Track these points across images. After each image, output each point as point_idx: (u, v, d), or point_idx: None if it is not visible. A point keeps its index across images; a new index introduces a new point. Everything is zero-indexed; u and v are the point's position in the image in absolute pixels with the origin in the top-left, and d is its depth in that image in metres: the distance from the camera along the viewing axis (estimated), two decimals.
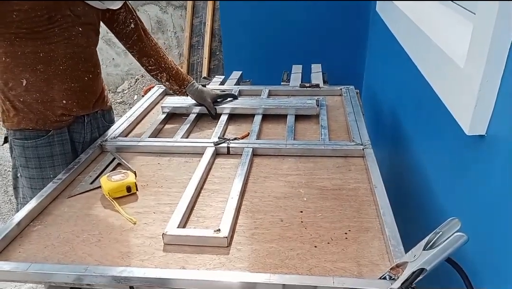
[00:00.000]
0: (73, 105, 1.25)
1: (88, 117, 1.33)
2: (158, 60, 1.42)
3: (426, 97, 1.15)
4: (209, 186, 1.09)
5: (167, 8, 3.97)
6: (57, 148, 1.26)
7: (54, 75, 1.18)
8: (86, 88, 1.27)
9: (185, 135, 1.37)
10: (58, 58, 1.17)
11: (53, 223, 0.96)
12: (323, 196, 1.02)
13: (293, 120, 1.43)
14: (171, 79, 1.45)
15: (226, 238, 0.86)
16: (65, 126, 1.27)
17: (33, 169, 1.24)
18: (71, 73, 1.21)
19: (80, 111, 1.28)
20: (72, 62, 1.21)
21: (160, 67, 1.43)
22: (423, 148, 1.27)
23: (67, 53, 1.19)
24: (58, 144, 1.26)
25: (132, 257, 0.85)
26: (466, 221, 0.65)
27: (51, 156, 1.25)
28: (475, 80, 0.77)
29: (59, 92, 1.21)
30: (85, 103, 1.29)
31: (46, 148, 1.24)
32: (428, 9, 1.41)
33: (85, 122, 1.32)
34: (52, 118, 1.23)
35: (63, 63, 1.19)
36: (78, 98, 1.26)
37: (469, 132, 0.80)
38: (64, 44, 1.17)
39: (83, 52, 1.23)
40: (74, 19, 1.18)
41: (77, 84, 1.24)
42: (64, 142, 1.27)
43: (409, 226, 1.22)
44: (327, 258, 0.82)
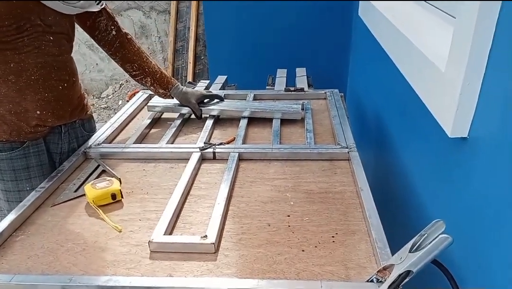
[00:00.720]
0: (47, 115, 1.22)
1: (66, 127, 1.30)
2: (142, 65, 1.40)
3: (409, 100, 1.17)
4: (196, 192, 1.09)
5: (150, 13, 3.95)
6: (33, 159, 1.23)
7: (26, 86, 1.15)
8: (61, 97, 1.24)
9: (170, 141, 1.36)
10: (29, 68, 1.14)
11: (37, 233, 0.95)
12: (309, 200, 1.02)
13: (279, 124, 1.43)
14: (156, 83, 1.44)
15: (213, 244, 0.86)
16: (40, 137, 1.24)
17: (8, 181, 1.22)
18: (43, 83, 1.18)
19: (56, 121, 1.25)
20: (44, 72, 1.17)
21: (144, 72, 1.41)
22: (407, 151, 1.28)
23: (38, 63, 1.15)
24: (34, 155, 1.23)
25: (118, 266, 0.83)
26: (450, 223, 0.66)
27: (27, 168, 1.22)
28: (456, 83, 0.78)
29: (32, 102, 1.18)
30: (61, 113, 1.25)
31: (21, 160, 1.21)
32: (409, 12, 1.43)
33: (62, 132, 1.29)
34: (27, 129, 1.19)
35: (35, 73, 1.15)
36: (53, 108, 1.22)
37: (451, 134, 0.81)
38: (34, 54, 1.14)
39: (56, 60, 1.20)
40: (45, 28, 1.14)
41: (51, 94, 1.21)
42: (40, 154, 1.25)
43: (396, 228, 1.23)
44: (314, 262, 0.82)
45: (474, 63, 0.75)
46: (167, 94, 1.48)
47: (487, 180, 0.74)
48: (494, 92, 0.72)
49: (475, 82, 0.76)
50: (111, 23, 1.34)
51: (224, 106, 1.54)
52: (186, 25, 3.81)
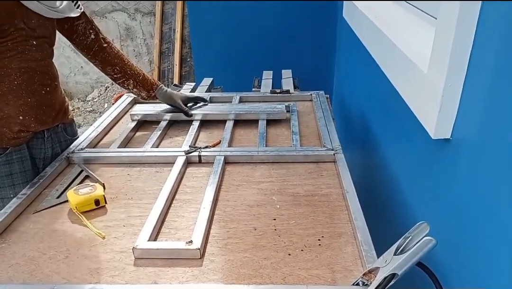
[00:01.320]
0: (30, 120, 1.20)
1: (48, 132, 1.28)
2: (123, 68, 1.39)
3: (393, 101, 1.17)
4: (181, 196, 1.08)
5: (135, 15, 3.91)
6: (16, 166, 1.21)
7: (8, 91, 1.13)
8: (43, 102, 1.22)
9: (155, 144, 1.34)
10: (12, 73, 1.12)
11: (18, 241, 0.93)
12: (296, 203, 1.02)
13: (265, 126, 1.43)
14: (139, 85, 1.43)
15: (198, 250, 0.85)
16: (23, 143, 1.22)
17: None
18: (26, 88, 1.16)
19: (39, 126, 1.23)
20: (27, 76, 1.15)
21: (126, 74, 1.40)
22: (392, 152, 1.29)
23: (22, 68, 1.13)
24: (17, 162, 1.21)
25: (101, 273, 0.82)
26: (435, 224, 0.66)
27: (10, 175, 1.20)
28: (438, 84, 0.79)
29: (15, 108, 1.16)
30: (44, 118, 1.24)
31: (4, 167, 1.19)
32: (391, 14, 1.44)
33: (45, 137, 1.27)
34: (9, 135, 1.17)
35: (18, 78, 1.13)
36: (36, 113, 1.21)
37: (434, 135, 0.82)
38: (18, 59, 1.12)
39: (38, 65, 1.18)
40: (28, 32, 1.13)
41: (34, 99, 1.19)
42: (24, 160, 1.22)
43: (382, 229, 1.23)
44: (301, 265, 0.82)
45: (456, 64, 0.75)
46: (151, 96, 1.47)
47: (470, 180, 0.75)
48: (475, 93, 0.72)
49: (456, 83, 0.77)
50: (89, 26, 1.33)
51: (209, 110, 1.53)
52: (172, 27, 3.79)
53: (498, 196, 0.64)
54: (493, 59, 0.66)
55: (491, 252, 0.67)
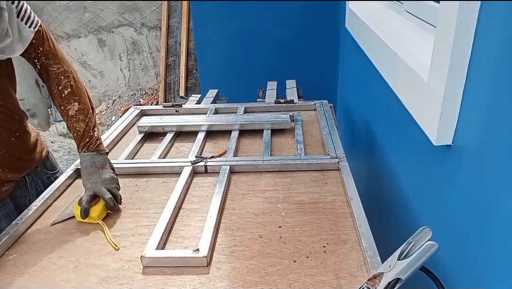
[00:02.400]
0: (6, 172, 1.09)
1: (29, 177, 1.20)
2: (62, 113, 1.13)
3: (395, 109, 1.19)
4: (188, 206, 1.09)
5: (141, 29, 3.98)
6: (3, 222, 1.11)
7: None
8: (16, 150, 1.11)
9: (162, 155, 1.37)
10: None
11: (29, 251, 0.95)
12: (301, 211, 1.03)
13: (269, 136, 1.45)
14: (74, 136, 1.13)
15: (205, 258, 0.86)
16: (7, 197, 1.13)
17: None
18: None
19: (17, 175, 1.14)
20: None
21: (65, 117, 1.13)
22: (395, 159, 1.30)
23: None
24: (3, 218, 1.12)
25: (110, 282, 0.84)
26: (438, 229, 0.67)
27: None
28: (439, 92, 0.80)
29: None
30: (20, 165, 1.14)
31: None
32: (391, 23, 1.47)
33: (27, 183, 1.19)
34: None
35: None
36: (9, 163, 1.10)
37: (436, 142, 0.83)
38: None
39: (1, 112, 1.04)
40: None
41: (5, 150, 1.08)
42: (10, 213, 1.14)
43: (386, 235, 1.24)
44: (306, 272, 0.83)
45: (455, 71, 0.77)
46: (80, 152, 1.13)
47: (471, 186, 0.76)
48: (476, 100, 0.74)
49: (456, 90, 0.78)
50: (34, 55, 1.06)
51: (215, 120, 1.56)
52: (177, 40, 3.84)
53: (499, 201, 0.65)
54: (492, 66, 0.67)
55: (493, 256, 0.68)
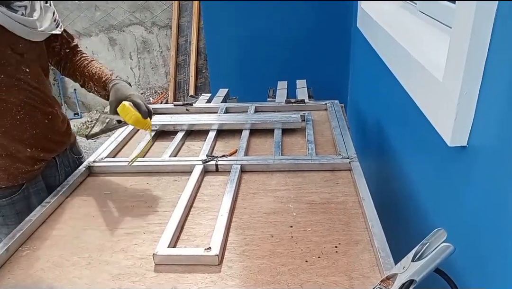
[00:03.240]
0: (39, 152, 1.18)
1: (59, 158, 1.28)
2: (83, 72, 1.28)
3: (408, 110, 1.18)
4: (199, 204, 1.10)
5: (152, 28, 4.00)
6: (33, 199, 1.19)
7: (12, 127, 1.10)
8: (48, 131, 1.20)
9: (173, 154, 1.37)
10: (13, 108, 1.09)
11: (42, 247, 0.96)
12: (312, 210, 1.03)
13: (280, 135, 1.45)
14: (95, 85, 1.27)
15: (217, 256, 0.86)
16: (38, 175, 1.21)
17: (13, 225, 1.14)
18: (30, 120, 1.13)
19: (49, 155, 1.23)
20: (29, 109, 1.12)
21: (86, 77, 1.28)
22: (408, 160, 1.29)
23: (21, 100, 1.10)
24: (34, 195, 1.20)
25: (122, 279, 0.84)
26: (452, 231, 0.66)
27: (29, 209, 1.16)
28: (454, 92, 0.80)
29: (21, 142, 1.13)
30: (52, 146, 1.23)
31: (23, 202, 1.18)
32: (405, 23, 1.46)
33: (57, 164, 1.27)
34: (24, 169, 1.16)
35: (19, 112, 1.10)
36: (43, 144, 1.19)
37: (450, 143, 0.82)
38: (15, 90, 1.08)
39: (37, 94, 1.14)
40: (18, 59, 1.07)
41: (39, 130, 1.17)
42: (41, 191, 1.22)
43: (398, 237, 1.23)
44: (318, 272, 0.82)
45: (471, 72, 0.76)
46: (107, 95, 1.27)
47: (487, 187, 0.75)
48: (491, 101, 0.73)
49: (472, 91, 0.77)
50: (65, 46, 1.28)
51: (225, 119, 1.56)
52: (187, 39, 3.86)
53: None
54: (508, 66, 0.66)
55: (508, 258, 0.67)
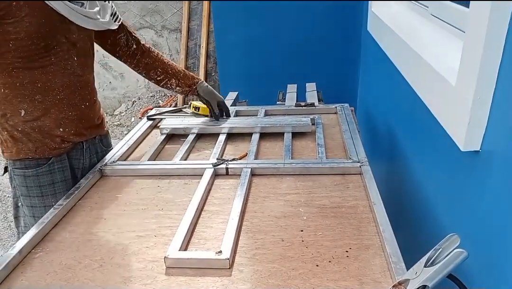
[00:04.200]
0: (70, 133, 1.25)
1: (87, 143, 1.34)
2: (165, 69, 1.47)
3: (420, 114, 1.17)
4: (209, 208, 1.10)
5: (162, 31, 4.03)
6: (57, 175, 1.26)
7: (51, 105, 1.19)
8: (83, 116, 1.28)
9: (184, 157, 1.38)
10: (56, 88, 1.18)
11: (55, 250, 0.96)
12: (322, 215, 1.03)
13: (290, 139, 1.45)
14: (180, 82, 1.50)
15: (228, 260, 0.86)
16: (64, 153, 1.27)
17: (34, 197, 1.24)
18: (68, 102, 1.22)
19: (78, 138, 1.29)
20: (69, 91, 1.21)
21: (168, 74, 1.48)
22: (419, 164, 1.28)
23: (64, 82, 1.19)
24: (58, 171, 1.26)
25: (134, 282, 0.85)
26: (465, 236, 0.66)
27: (52, 184, 1.25)
28: (467, 97, 0.79)
29: (56, 120, 1.21)
30: (82, 131, 1.30)
31: (47, 176, 1.24)
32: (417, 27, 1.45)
33: (83, 148, 1.33)
34: (51, 145, 1.23)
35: (60, 93, 1.19)
36: (75, 126, 1.26)
37: (463, 148, 0.82)
38: (61, 74, 1.17)
39: (79, 81, 1.24)
40: (69, 47, 1.18)
41: (74, 113, 1.25)
42: (64, 169, 1.28)
43: (410, 242, 1.22)
44: (329, 277, 0.82)
45: (485, 76, 0.76)
46: (193, 90, 1.53)
47: (500, 192, 0.74)
48: (505, 105, 0.72)
49: (486, 96, 0.77)
50: (131, 38, 1.40)
51: (235, 123, 1.56)
52: (197, 42, 3.87)
53: None
54: None
55: None
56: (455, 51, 1.03)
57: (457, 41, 1.17)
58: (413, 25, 1.50)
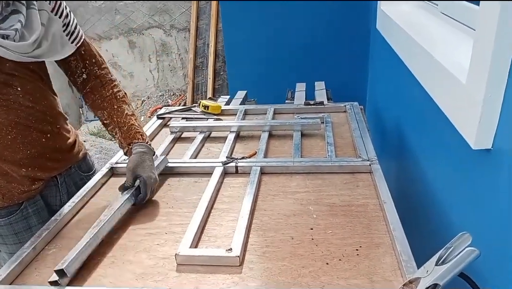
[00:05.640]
0: (35, 171, 1.11)
1: (61, 177, 1.20)
2: (111, 114, 1.16)
3: (430, 112, 1.17)
4: (219, 206, 1.11)
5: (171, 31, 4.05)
6: (33, 219, 1.14)
7: (3, 147, 1.03)
8: (46, 150, 1.12)
9: (193, 156, 1.39)
10: (3, 128, 1.01)
11: (68, 246, 0.97)
12: (332, 213, 1.03)
13: (299, 138, 1.45)
14: (121, 137, 1.16)
15: (238, 257, 0.87)
16: (37, 194, 1.15)
17: (12, 245, 1.14)
18: (22, 140, 1.05)
19: (47, 174, 1.15)
20: (21, 128, 1.04)
21: (113, 122, 1.16)
22: (430, 163, 1.28)
23: (11, 121, 1.01)
24: (33, 214, 1.15)
25: (146, 278, 0.86)
26: (475, 235, 0.65)
27: (29, 228, 1.14)
28: (478, 95, 0.79)
29: (14, 163, 1.06)
30: (50, 165, 1.15)
31: (21, 223, 1.13)
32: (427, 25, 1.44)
33: (58, 184, 1.20)
34: (20, 189, 1.10)
35: (10, 132, 1.02)
36: (40, 163, 1.11)
37: (474, 146, 0.81)
38: (3, 111, 0.99)
39: (31, 113, 1.05)
40: (6, 78, 0.98)
41: (34, 150, 1.08)
42: (40, 211, 1.16)
43: (420, 241, 1.22)
44: (339, 275, 0.82)
45: (496, 74, 0.75)
46: (129, 150, 1.16)
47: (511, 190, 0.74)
48: None
49: (497, 93, 0.76)
50: (81, 65, 1.13)
51: (245, 122, 1.57)
52: (206, 42, 3.89)
53: None
54: None
55: None
56: (465, 49, 1.03)
57: (468, 39, 1.16)
58: (423, 23, 1.50)
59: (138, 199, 1.08)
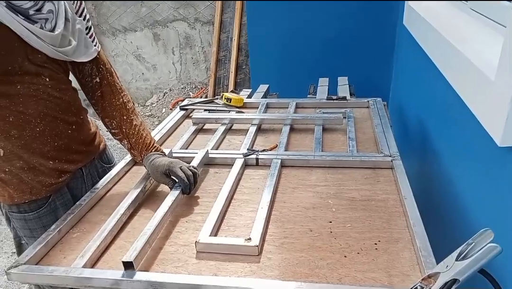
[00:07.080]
0: (62, 164, 1.11)
1: (86, 169, 1.22)
2: (120, 124, 1.18)
3: (456, 108, 1.15)
4: (239, 196, 1.12)
5: (195, 24, 4.07)
6: (61, 212, 1.13)
7: (32, 139, 1.03)
8: (72, 142, 1.13)
9: (215, 147, 1.40)
10: (32, 120, 1.01)
11: (92, 230, 1.01)
12: (352, 207, 1.03)
13: (321, 132, 1.44)
14: (132, 148, 1.21)
15: (257, 247, 0.88)
16: (64, 186, 1.15)
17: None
18: (50, 132, 1.06)
19: (74, 167, 1.16)
20: (49, 120, 1.05)
21: (122, 132, 1.18)
22: (453, 159, 1.26)
23: (40, 111, 1.02)
24: (61, 207, 1.15)
25: (166, 264, 0.88)
26: (498, 233, 0.64)
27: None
28: (507, 92, 0.77)
29: (43, 155, 1.06)
30: (77, 157, 1.16)
31: (50, 216, 1.13)
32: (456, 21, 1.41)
33: (84, 175, 1.21)
34: (47, 182, 1.10)
35: (39, 124, 1.03)
36: (67, 155, 1.12)
37: (501, 143, 0.80)
38: (33, 102, 1.00)
39: (58, 104, 1.06)
40: (38, 69, 0.99)
41: (61, 142, 1.10)
42: (67, 203, 1.16)
43: (440, 237, 1.20)
44: (357, 268, 0.83)
45: None
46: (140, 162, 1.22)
47: None
48: None
49: None
50: (96, 68, 1.14)
51: (266, 115, 1.58)
52: (229, 35, 3.90)
53: None
54: None
55: None
56: (495, 46, 1.01)
57: (497, 35, 1.13)
58: (451, 19, 1.47)
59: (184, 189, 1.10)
